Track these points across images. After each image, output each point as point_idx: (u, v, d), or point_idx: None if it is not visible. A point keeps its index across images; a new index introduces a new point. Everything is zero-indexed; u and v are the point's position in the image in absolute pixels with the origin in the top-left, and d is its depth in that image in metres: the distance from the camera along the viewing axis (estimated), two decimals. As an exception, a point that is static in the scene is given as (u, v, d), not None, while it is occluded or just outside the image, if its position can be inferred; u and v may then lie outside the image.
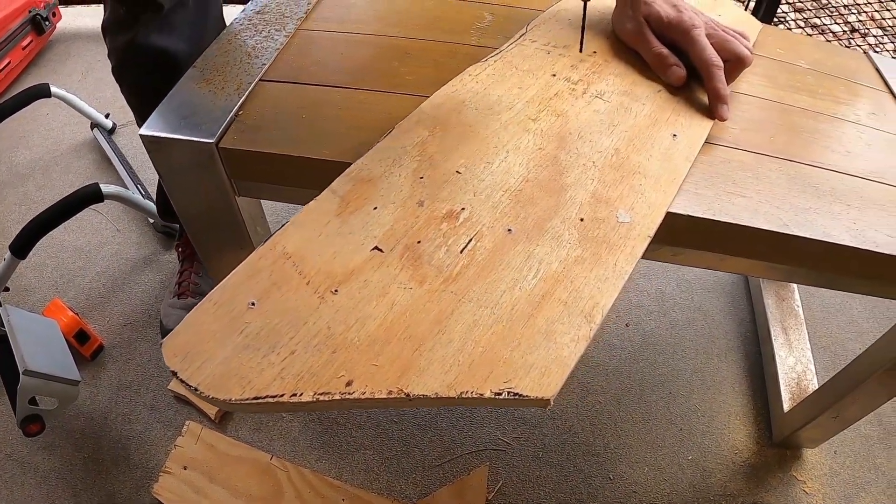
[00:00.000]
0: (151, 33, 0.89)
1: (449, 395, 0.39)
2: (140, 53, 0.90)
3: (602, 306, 0.45)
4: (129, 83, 0.98)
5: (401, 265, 0.46)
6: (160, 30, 0.89)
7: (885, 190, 0.66)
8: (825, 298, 1.32)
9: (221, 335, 0.42)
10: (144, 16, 0.88)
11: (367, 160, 0.53)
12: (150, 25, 0.88)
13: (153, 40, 0.89)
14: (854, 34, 2.14)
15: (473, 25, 0.78)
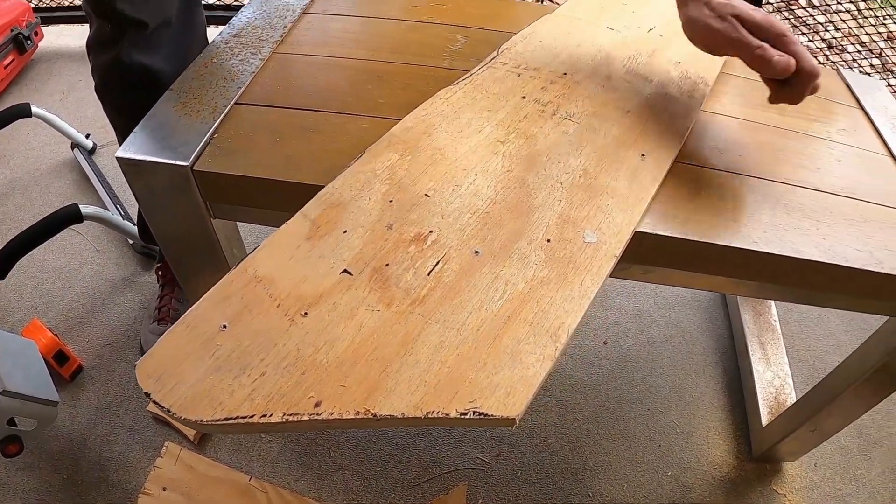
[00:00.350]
0: (135, 51, 0.89)
1: (415, 416, 0.39)
2: (124, 71, 0.90)
3: (568, 326, 0.46)
4: (112, 101, 0.98)
5: (369, 288, 0.47)
6: (144, 48, 0.89)
7: (855, 205, 0.68)
8: (803, 312, 1.34)
9: (194, 357, 0.42)
10: (129, 34, 0.88)
11: (338, 184, 0.54)
12: (135, 44, 0.89)
13: (137, 58, 0.89)
14: (831, 50, 2.18)
15: (446, 48, 0.79)
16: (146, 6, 0.87)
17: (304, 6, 0.87)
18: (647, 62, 0.77)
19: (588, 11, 0.85)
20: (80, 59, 1.94)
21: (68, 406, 1.10)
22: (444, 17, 0.87)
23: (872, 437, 1.13)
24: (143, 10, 0.86)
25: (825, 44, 2.20)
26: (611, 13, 0.85)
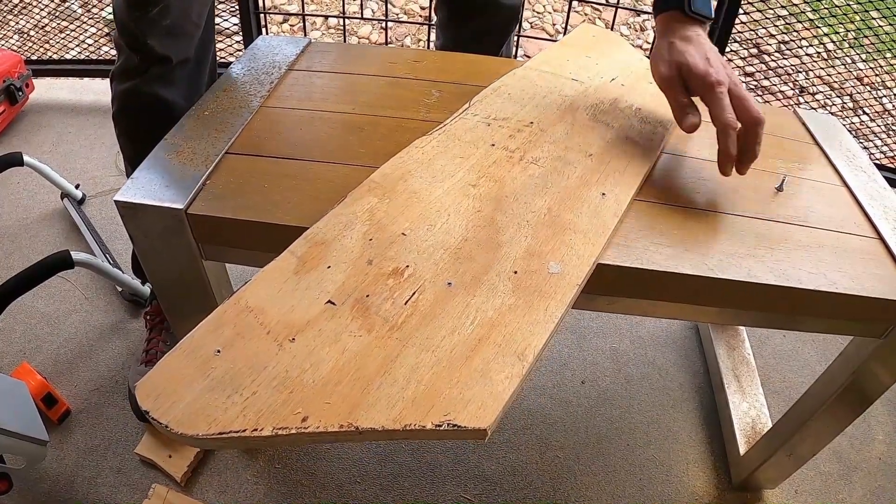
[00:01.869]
0: (155, 83, 0.96)
1: (394, 428, 0.43)
2: (141, 100, 0.97)
3: (534, 347, 0.50)
4: (126, 127, 1.04)
5: (351, 316, 0.51)
6: (164, 81, 0.96)
7: (809, 232, 0.73)
8: (777, 345, 1.39)
9: (190, 379, 0.46)
10: (154, 67, 0.95)
11: (322, 224, 0.59)
12: (157, 77, 0.96)
13: (155, 89, 0.96)
14: (803, 93, 2.27)
15: (422, 102, 0.86)
16: (173, 44, 0.94)
17: (289, 63, 0.93)
18: (610, 109, 0.83)
19: (554, 65, 0.91)
20: (70, 111, 1.99)
21: (56, 448, 1.11)
22: (420, 73, 0.93)
23: (852, 462, 1.17)
24: (170, 48, 0.94)
25: (797, 87, 2.29)
26: (575, 65, 0.92)
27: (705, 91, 0.74)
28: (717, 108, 0.72)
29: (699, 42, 0.77)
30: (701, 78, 0.74)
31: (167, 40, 0.94)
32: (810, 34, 2.38)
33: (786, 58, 2.26)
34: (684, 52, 0.76)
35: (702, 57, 0.75)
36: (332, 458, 1.11)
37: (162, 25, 0.92)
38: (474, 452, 1.13)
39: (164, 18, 0.92)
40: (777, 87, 2.17)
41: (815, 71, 2.30)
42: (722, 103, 0.72)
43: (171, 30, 0.94)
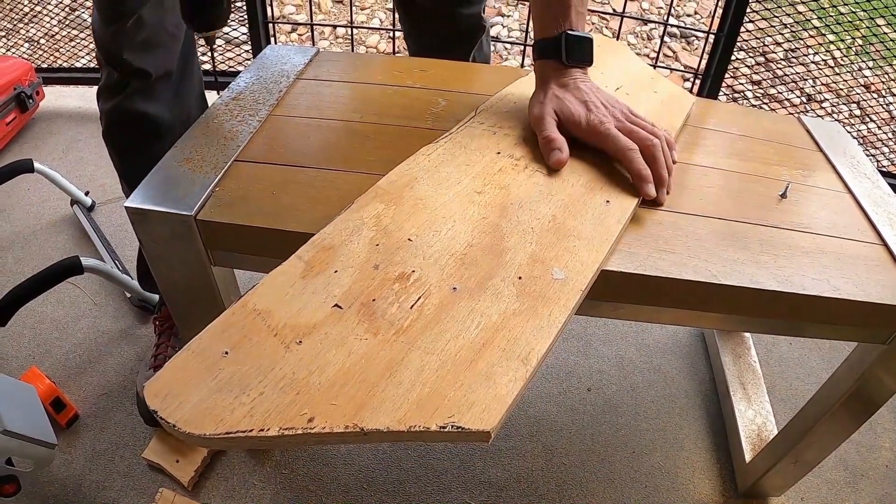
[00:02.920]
0: (138, 99, 0.97)
1: (399, 429, 0.44)
2: (126, 117, 0.99)
3: (538, 351, 0.51)
4: (115, 144, 1.06)
5: (358, 319, 0.52)
6: (146, 96, 0.97)
7: (812, 238, 0.74)
8: (783, 353, 1.39)
9: (198, 379, 0.47)
10: (133, 82, 0.96)
11: (330, 230, 0.60)
12: (139, 91, 0.97)
13: (138, 105, 0.97)
14: (810, 101, 2.27)
15: (428, 110, 0.87)
16: (149, 57, 0.95)
17: (297, 72, 0.95)
18: (614, 118, 0.84)
19: (560, 74, 0.92)
20: (80, 119, 2.01)
21: (64, 452, 1.12)
22: (427, 81, 0.94)
23: (858, 469, 1.16)
24: (147, 61, 0.95)
25: (804, 95, 2.29)
26: (581, 75, 0.93)
27: (590, 136, 0.74)
28: (609, 142, 0.73)
29: (577, 87, 0.77)
30: (580, 125, 0.74)
31: (144, 54, 0.95)
32: (816, 42, 2.39)
33: (792, 66, 2.27)
34: (562, 99, 0.76)
35: (579, 103, 0.76)
36: (339, 463, 1.11)
37: (137, 40, 0.93)
38: (480, 459, 1.13)
39: (138, 32, 0.93)
40: (784, 96, 2.17)
41: (821, 79, 2.30)
42: (611, 135, 0.73)
43: (146, 43, 0.95)
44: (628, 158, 0.72)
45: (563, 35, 0.75)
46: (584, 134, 0.75)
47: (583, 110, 0.75)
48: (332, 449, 1.13)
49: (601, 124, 0.73)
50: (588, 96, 0.76)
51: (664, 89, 0.96)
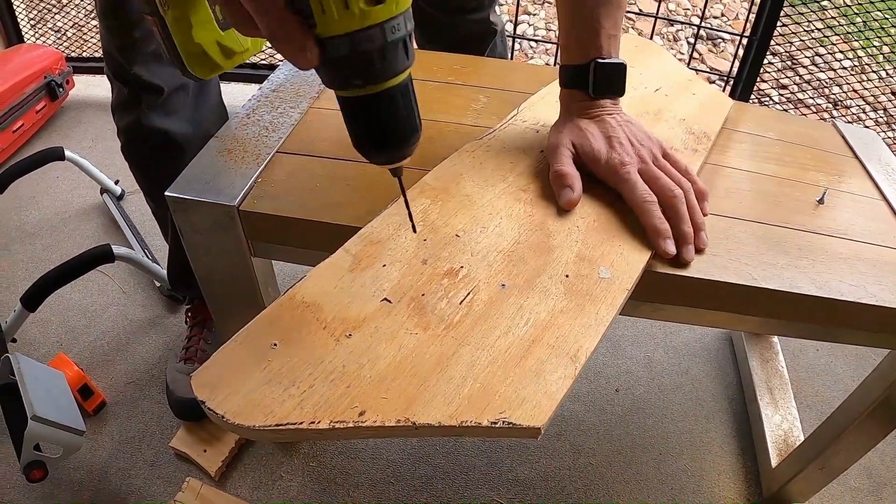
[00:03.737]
0: (153, 115, 0.93)
1: (451, 424, 0.44)
2: (144, 134, 0.95)
3: (586, 349, 0.50)
4: (135, 162, 1.04)
5: (407, 314, 0.52)
6: (162, 112, 0.94)
7: (849, 245, 0.73)
8: (810, 359, 1.38)
9: (246, 371, 0.47)
10: (146, 98, 0.93)
11: (377, 224, 0.60)
12: (153, 107, 0.93)
13: (155, 122, 0.94)
14: (837, 106, 2.25)
15: (470, 107, 0.86)
16: (161, 71, 0.91)
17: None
18: (654, 119, 0.84)
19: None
20: (109, 109, 2.03)
21: (90, 439, 1.13)
22: (467, 78, 0.94)
23: (882, 478, 1.15)
24: (158, 76, 0.91)
25: (830, 101, 2.27)
26: (620, 74, 0.92)
27: (609, 177, 0.67)
28: (626, 188, 0.65)
29: (602, 120, 0.69)
30: (598, 162, 0.67)
31: (155, 67, 0.90)
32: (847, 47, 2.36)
33: (822, 71, 2.24)
34: (584, 131, 0.69)
35: (603, 137, 0.68)
36: (367, 457, 1.11)
37: (147, 52, 0.89)
38: (508, 456, 1.13)
39: (147, 44, 0.88)
40: (812, 101, 2.15)
41: (849, 84, 2.28)
42: (630, 181, 0.65)
43: (157, 55, 0.89)
44: (641, 210, 0.64)
45: (592, 64, 0.68)
46: (602, 173, 0.68)
47: (604, 147, 0.68)
48: (359, 443, 1.14)
49: (622, 166, 0.66)
50: (614, 131, 0.68)
51: (702, 91, 0.95)
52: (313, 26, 0.39)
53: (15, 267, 1.47)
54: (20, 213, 1.63)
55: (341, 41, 0.39)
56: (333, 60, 0.40)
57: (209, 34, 0.51)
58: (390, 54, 0.41)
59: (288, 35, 0.39)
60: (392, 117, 0.45)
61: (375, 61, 0.41)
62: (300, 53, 0.39)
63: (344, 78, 0.42)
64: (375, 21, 0.39)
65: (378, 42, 0.40)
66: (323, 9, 0.38)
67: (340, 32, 0.39)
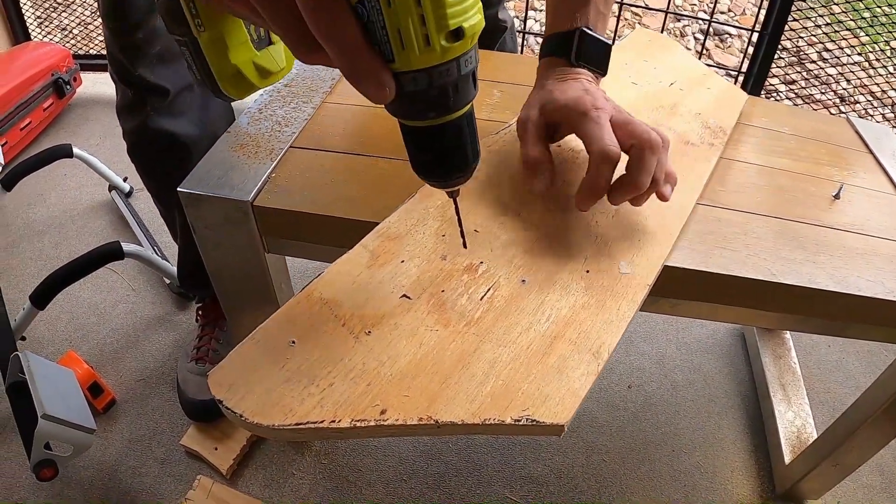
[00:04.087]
0: (160, 117, 0.92)
1: (473, 422, 0.43)
2: (150, 137, 0.94)
3: (608, 345, 0.50)
4: (142, 164, 1.03)
5: (427, 310, 0.51)
6: (168, 114, 0.92)
7: (866, 240, 0.72)
8: (822, 355, 1.37)
9: (264, 369, 0.46)
10: (152, 100, 0.91)
11: (394, 219, 0.59)
12: (159, 110, 0.92)
13: (162, 124, 0.92)
14: (844, 103, 2.24)
15: (484, 102, 0.85)
16: (166, 73, 0.90)
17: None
18: (670, 113, 0.83)
19: (612, 68, 0.89)
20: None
21: (100, 437, 1.12)
22: (481, 73, 0.92)
23: (895, 475, 1.15)
24: (164, 77, 0.90)
25: (837, 96, 2.26)
26: (633, 69, 0.91)
27: (577, 119, 0.59)
28: (592, 133, 0.57)
29: (578, 80, 0.63)
30: (566, 108, 0.60)
31: (160, 69, 0.89)
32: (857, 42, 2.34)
33: (832, 66, 2.23)
34: (553, 90, 0.62)
35: (576, 90, 0.62)
36: (379, 454, 1.11)
37: (151, 53, 0.88)
38: (521, 453, 1.13)
39: (152, 45, 0.87)
40: (818, 96, 2.14)
41: (855, 80, 2.26)
42: (598, 127, 0.57)
43: (162, 56, 0.89)
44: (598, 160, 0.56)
45: (578, 31, 0.64)
46: (569, 115, 0.60)
47: (575, 93, 0.60)
48: (372, 440, 1.13)
49: (594, 108, 0.58)
50: (589, 86, 0.62)
51: (717, 86, 0.94)
52: (391, 60, 0.38)
53: (24, 264, 1.47)
54: (28, 210, 1.63)
55: (419, 76, 0.39)
56: (409, 94, 0.40)
57: (245, 55, 0.50)
58: (463, 87, 0.41)
59: (367, 71, 0.38)
60: (458, 145, 0.45)
61: (450, 94, 0.41)
62: (378, 89, 0.39)
63: (418, 111, 0.42)
64: (453, 56, 0.39)
65: (453, 76, 0.40)
66: (403, 45, 0.37)
67: (419, 67, 0.38)
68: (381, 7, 0.36)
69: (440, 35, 0.37)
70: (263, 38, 0.50)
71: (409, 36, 0.37)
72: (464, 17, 0.37)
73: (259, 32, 0.50)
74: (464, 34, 0.37)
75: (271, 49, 0.51)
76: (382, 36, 0.37)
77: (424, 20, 0.36)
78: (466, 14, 0.37)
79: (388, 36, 0.37)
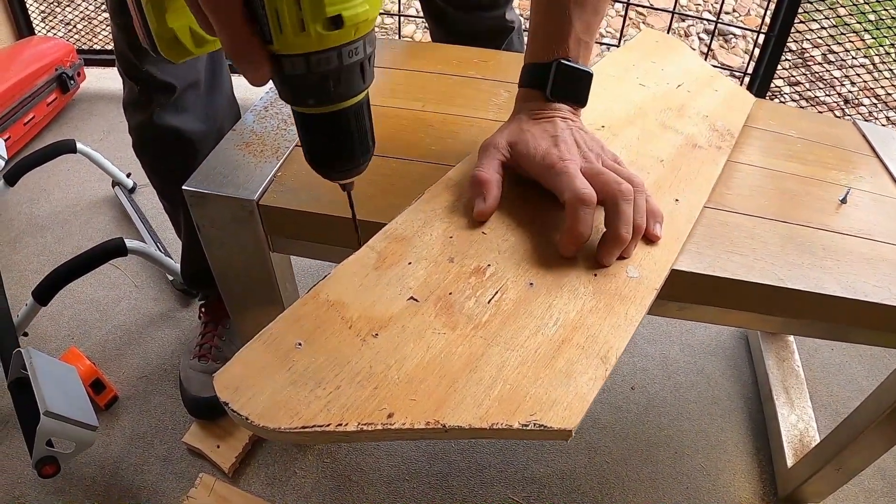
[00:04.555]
0: (166, 114, 0.92)
1: (481, 427, 0.43)
2: (156, 133, 0.94)
3: (616, 350, 0.50)
4: (147, 161, 1.03)
5: (435, 313, 0.51)
6: (174, 110, 0.92)
7: (872, 245, 0.72)
8: (825, 359, 1.36)
9: (270, 371, 0.46)
10: (158, 96, 0.91)
11: (401, 220, 0.59)
12: (165, 106, 0.92)
13: (168, 120, 0.92)
14: (848, 105, 2.23)
15: (490, 101, 0.85)
16: (173, 69, 0.90)
17: (354, 58, 0.93)
18: (678, 115, 0.82)
19: (620, 69, 0.90)
20: (121, 101, 2.02)
21: (102, 434, 1.13)
22: (488, 72, 0.93)
23: (896, 480, 1.14)
24: (171, 73, 0.90)
25: (842, 98, 2.25)
26: (641, 70, 0.91)
27: (543, 171, 0.59)
28: (562, 183, 0.56)
29: (552, 122, 0.62)
30: (534, 158, 0.59)
31: (167, 65, 0.89)
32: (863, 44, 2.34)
33: (837, 68, 2.22)
34: (526, 131, 0.61)
35: (546, 137, 0.61)
36: (382, 454, 1.11)
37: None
38: (524, 454, 1.12)
39: None
40: (821, 99, 2.14)
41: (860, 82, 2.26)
42: (566, 176, 0.56)
43: None
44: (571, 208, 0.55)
45: (555, 63, 0.62)
46: (536, 170, 0.60)
47: (545, 144, 0.60)
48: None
49: (561, 160, 0.58)
50: (561, 132, 0.61)
51: (725, 88, 0.93)
52: (269, 42, 0.38)
53: (26, 260, 1.47)
54: (32, 206, 1.63)
55: (297, 60, 0.39)
56: (288, 78, 0.40)
57: (182, 20, 0.50)
58: (345, 77, 0.41)
59: (242, 49, 0.38)
60: (344, 137, 0.45)
61: (330, 83, 0.41)
62: (252, 69, 0.39)
63: (298, 96, 0.42)
64: (332, 45, 0.39)
65: (334, 65, 0.40)
66: (280, 28, 0.37)
67: (296, 52, 0.39)
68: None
69: (316, 22, 0.37)
70: None
71: (284, 19, 0.37)
72: (344, 6, 0.37)
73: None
74: (343, 23, 0.37)
75: None
76: (262, 16, 0.37)
77: (300, 4, 0.36)
78: (347, 2, 0.37)
79: (266, 17, 0.37)
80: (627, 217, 0.56)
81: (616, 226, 0.56)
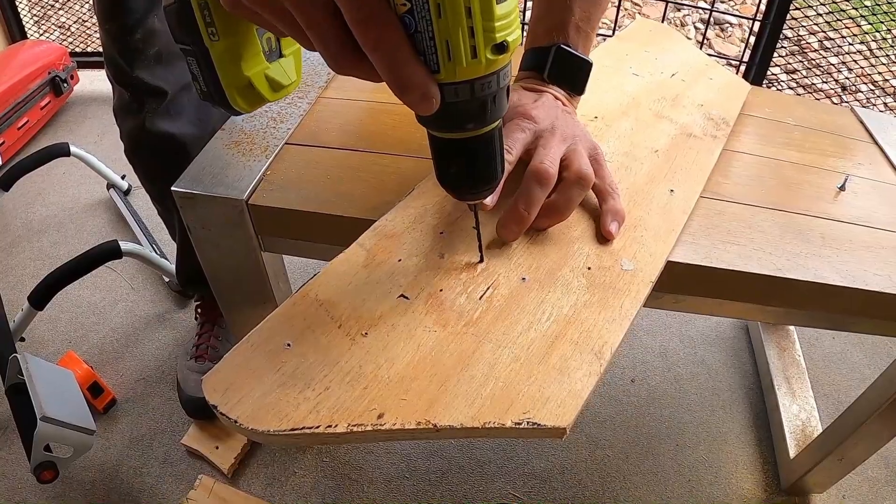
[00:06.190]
0: (158, 119, 0.91)
1: (473, 426, 0.42)
2: (149, 138, 0.93)
3: (611, 344, 0.49)
4: (140, 166, 1.02)
5: (425, 310, 0.50)
6: (166, 115, 0.91)
7: (872, 233, 0.71)
8: (826, 348, 1.36)
9: (259, 373, 0.45)
10: (149, 101, 0.90)
11: (391, 217, 0.58)
12: (157, 111, 0.91)
13: (160, 125, 0.91)
14: (845, 91, 2.22)
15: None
16: (164, 73, 0.89)
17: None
18: (672, 105, 0.81)
19: (614, 59, 0.89)
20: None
21: (101, 437, 1.12)
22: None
23: (900, 468, 1.14)
24: (162, 78, 0.89)
25: (839, 85, 2.24)
26: (635, 60, 0.90)
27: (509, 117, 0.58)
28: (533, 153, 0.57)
29: (542, 95, 0.62)
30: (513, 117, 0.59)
31: (159, 70, 0.88)
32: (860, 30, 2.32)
33: (834, 55, 2.21)
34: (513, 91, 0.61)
35: (530, 100, 0.61)
36: (381, 452, 1.10)
37: (149, 54, 0.86)
38: (524, 450, 1.12)
39: (150, 46, 0.86)
40: (819, 85, 2.12)
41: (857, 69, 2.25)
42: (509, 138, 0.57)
43: (161, 57, 0.87)
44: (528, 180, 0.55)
45: (555, 48, 0.62)
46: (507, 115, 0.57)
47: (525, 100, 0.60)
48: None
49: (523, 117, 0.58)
50: (546, 101, 0.61)
51: (720, 76, 0.92)
52: (436, 71, 0.38)
53: (22, 264, 1.46)
54: (27, 210, 1.62)
55: (462, 87, 0.39)
56: (450, 106, 0.40)
57: (257, 66, 0.48)
58: (500, 99, 0.42)
59: (415, 83, 0.37)
60: (489, 157, 0.46)
61: (488, 106, 0.41)
62: (425, 100, 0.38)
63: (456, 122, 0.43)
64: (496, 69, 0.39)
65: (493, 88, 0.40)
66: (450, 56, 0.37)
67: (464, 79, 0.39)
68: (432, 18, 0.36)
69: (487, 48, 0.37)
70: (275, 50, 0.49)
71: (458, 48, 0.37)
72: (508, 32, 0.38)
73: (271, 44, 0.48)
74: (507, 48, 0.38)
75: (282, 62, 0.49)
76: (429, 47, 0.37)
77: (473, 32, 0.36)
78: (510, 28, 0.38)
79: (435, 47, 0.37)
80: (532, 199, 0.55)
81: (515, 200, 0.55)
